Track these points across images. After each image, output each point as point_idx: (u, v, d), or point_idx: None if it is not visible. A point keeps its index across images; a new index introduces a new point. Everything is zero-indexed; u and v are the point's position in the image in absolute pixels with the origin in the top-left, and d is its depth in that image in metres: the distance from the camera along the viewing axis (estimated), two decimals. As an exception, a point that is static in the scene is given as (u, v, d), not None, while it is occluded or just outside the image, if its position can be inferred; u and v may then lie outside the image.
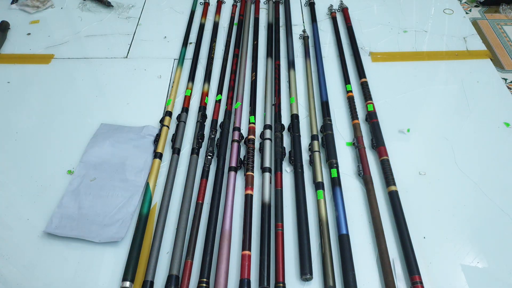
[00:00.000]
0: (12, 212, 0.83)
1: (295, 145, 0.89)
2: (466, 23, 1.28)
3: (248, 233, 0.75)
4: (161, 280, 0.72)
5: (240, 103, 1.01)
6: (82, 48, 1.24)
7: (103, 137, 0.94)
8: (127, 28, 1.30)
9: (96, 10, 1.38)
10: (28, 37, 1.29)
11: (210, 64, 1.14)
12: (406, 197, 0.81)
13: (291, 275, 0.72)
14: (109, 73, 1.15)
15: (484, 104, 1.02)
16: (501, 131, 0.95)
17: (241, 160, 0.89)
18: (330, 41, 1.22)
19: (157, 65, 1.16)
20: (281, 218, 0.77)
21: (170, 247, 0.76)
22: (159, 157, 0.89)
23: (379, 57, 1.17)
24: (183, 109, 1.00)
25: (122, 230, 0.78)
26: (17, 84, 1.13)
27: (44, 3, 1.40)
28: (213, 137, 0.93)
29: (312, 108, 0.99)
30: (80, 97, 1.08)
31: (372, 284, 0.71)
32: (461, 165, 0.88)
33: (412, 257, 0.71)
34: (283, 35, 1.24)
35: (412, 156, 0.91)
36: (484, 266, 0.73)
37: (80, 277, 0.73)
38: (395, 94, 1.05)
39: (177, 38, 1.25)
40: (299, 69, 1.13)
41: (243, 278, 0.69)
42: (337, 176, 0.84)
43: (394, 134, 0.95)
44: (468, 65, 1.13)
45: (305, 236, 0.74)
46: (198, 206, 0.80)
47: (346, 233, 0.75)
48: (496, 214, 0.80)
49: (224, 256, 0.72)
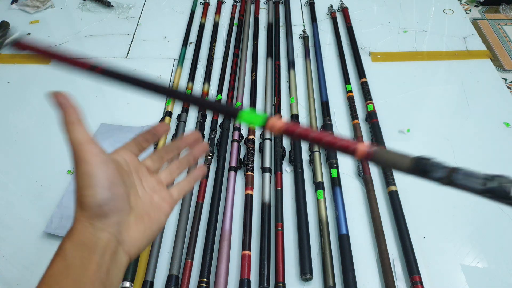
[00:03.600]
0: (12, 212, 0.83)
1: (295, 145, 0.89)
2: (466, 23, 1.28)
3: (248, 233, 0.75)
4: (161, 280, 0.72)
5: (240, 103, 1.01)
6: (82, 48, 1.24)
7: (103, 137, 0.94)
8: (127, 28, 1.30)
9: (96, 10, 1.38)
10: (28, 37, 1.29)
11: (210, 64, 1.14)
12: (406, 197, 0.81)
13: (291, 275, 0.72)
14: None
15: (484, 104, 1.02)
16: (501, 131, 0.95)
17: (241, 160, 0.89)
18: (330, 41, 1.22)
19: (157, 65, 1.16)
20: (281, 218, 0.77)
21: (170, 247, 0.76)
22: (159, 157, 0.89)
23: (379, 57, 1.17)
24: (183, 109, 1.00)
25: (122, 230, 0.78)
26: (17, 84, 1.13)
27: (44, 3, 1.39)
28: (213, 137, 0.93)
29: (312, 108, 0.99)
30: (80, 97, 1.08)
31: (372, 284, 0.71)
32: (461, 165, 0.88)
33: (412, 257, 0.71)
34: (283, 35, 1.24)
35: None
36: (484, 266, 0.73)
37: (80, 277, 0.73)
38: (395, 94, 1.05)
39: (177, 38, 1.25)
40: (299, 69, 1.13)
41: (243, 278, 0.69)
42: (337, 176, 0.84)
43: (394, 134, 0.95)
44: (468, 65, 1.13)
45: (305, 236, 0.74)
46: (198, 206, 0.80)
47: (346, 233, 0.75)
48: (496, 214, 0.80)
49: (224, 256, 0.72)
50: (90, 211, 0.30)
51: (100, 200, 0.30)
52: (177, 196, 0.37)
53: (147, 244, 0.33)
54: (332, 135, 0.33)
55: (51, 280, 0.29)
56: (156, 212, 0.35)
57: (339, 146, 0.32)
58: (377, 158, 0.31)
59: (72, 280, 0.28)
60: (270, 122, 0.34)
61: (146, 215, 0.34)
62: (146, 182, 0.36)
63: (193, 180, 0.40)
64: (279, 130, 0.33)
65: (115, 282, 0.30)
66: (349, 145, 0.31)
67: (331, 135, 0.33)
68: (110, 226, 0.30)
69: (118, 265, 0.31)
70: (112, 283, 0.30)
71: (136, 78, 0.39)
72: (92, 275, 0.28)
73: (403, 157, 0.31)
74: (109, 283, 0.29)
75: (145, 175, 0.36)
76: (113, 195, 0.31)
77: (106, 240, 0.30)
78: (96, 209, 0.30)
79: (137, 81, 0.39)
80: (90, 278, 0.28)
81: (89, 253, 0.29)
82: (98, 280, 0.28)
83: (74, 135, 0.32)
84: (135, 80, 0.39)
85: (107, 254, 0.29)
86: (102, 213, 0.30)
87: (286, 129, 0.33)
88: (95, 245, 0.29)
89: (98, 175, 0.30)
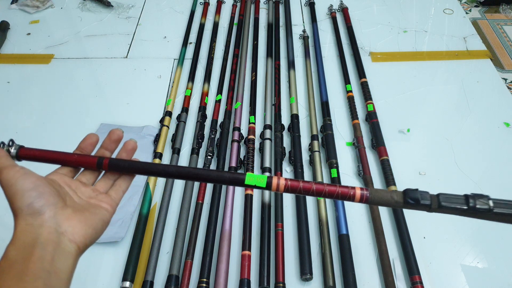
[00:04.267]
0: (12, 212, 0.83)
1: (295, 145, 0.89)
2: (466, 23, 1.28)
3: (248, 233, 0.75)
4: (161, 280, 0.72)
5: (240, 103, 1.01)
6: (82, 48, 1.24)
7: (103, 137, 0.94)
8: (127, 28, 1.30)
9: (96, 10, 1.38)
10: (28, 37, 1.29)
11: (210, 64, 1.14)
12: (406, 197, 0.81)
13: (291, 275, 0.72)
14: (109, 73, 1.15)
15: (484, 104, 1.02)
16: (501, 131, 0.95)
17: (241, 160, 0.89)
18: (330, 41, 1.22)
19: (157, 65, 1.16)
20: (281, 218, 0.77)
21: (170, 247, 0.76)
22: (159, 157, 0.89)
23: (379, 57, 1.17)
24: (183, 109, 1.00)
25: (122, 230, 0.78)
26: (17, 84, 1.13)
27: (44, 3, 1.40)
28: (213, 137, 0.93)
29: (312, 108, 0.99)
30: (80, 97, 1.08)
31: (372, 284, 0.71)
32: (461, 165, 0.88)
33: (412, 257, 0.71)
34: (283, 35, 1.24)
35: (412, 156, 0.91)
36: (484, 266, 0.73)
37: (79, 277, 0.73)
38: (395, 94, 1.05)
39: (177, 38, 1.25)
40: (299, 69, 1.13)
41: (243, 278, 0.69)
42: (337, 176, 0.84)
43: (394, 134, 0.95)
44: (468, 65, 1.13)
45: (305, 236, 0.74)
46: (198, 206, 0.80)
47: (346, 233, 0.75)
48: (496, 214, 0.80)
49: (224, 256, 0.72)
50: (23, 212, 0.33)
51: (28, 199, 0.33)
52: (115, 195, 0.40)
53: (93, 233, 0.36)
54: (331, 185, 0.38)
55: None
56: (96, 209, 0.38)
57: (339, 194, 0.37)
58: (372, 199, 0.36)
59: (14, 274, 0.30)
60: (273, 183, 0.39)
61: (85, 210, 0.37)
62: (81, 193, 0.39)
63: (128, 179, 0.43)
64: (283, 189, 0.38)
65: (63, 268, 0.32)
66: (347, 192, 0.37)
67: (331, 185, 0.38)
68: (47, 220, 0.33)
69: (65, 253, 0.33)
70: (60, 270, 0.32)
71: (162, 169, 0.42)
72: (34, 266, 0.31)
73: (394, 193, 0.36)
74: (54, 270, 0.31)
75: (79, 187, 0.40)
76: (40, 193, 0.34)
77: (47, 233, 0.32)
78: (27, 208, 0.33)
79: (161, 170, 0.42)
80: (32, 270, 0.30)
81: (31, 249, 0.31)
82: (41, 269, 0.31)
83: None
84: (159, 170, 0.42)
85: (49, 245, 0.32)
86: (34, 210, 0.33)
87: (290, 187, 0.38)
88: (35, 241, 0.32)
89: (20, 182, 0.34)
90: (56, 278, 0.32)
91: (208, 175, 0.40)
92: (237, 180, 0.39)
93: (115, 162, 0.41)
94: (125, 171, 0.41)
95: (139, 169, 0.41)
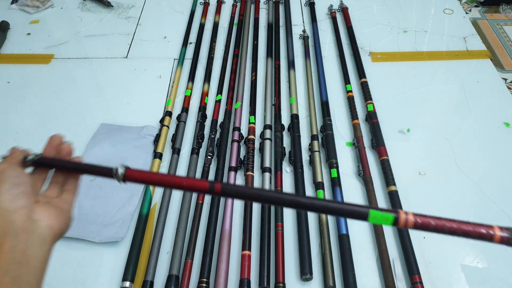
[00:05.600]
0: None
1: (295, 145, 0.89)
2: (466, 23, 1.28)
3: (248, 233, 0.75)
4: (161, 280, 0.72)
5: (240, 103, 1.01)
6: (82, 48, 1.24)
7: (103, 137, 0.94)
8: (127, 28, 1.30)
9: (96, 10, 1.38)
10: (28, 37, 1.29)
11: (210, 64, 1.14)
12: (406, 197, 0.81)
13: (291, 275, 0.72)
14: (109, 73, 1.15)
15: (484, 104, 1.02)
16: (501, 131, 0.95)
17: (241, 160, 0.89)
18: (330, 41, 1.22)
19: (157, 65, 1.16)
20: (281, 218, 0.77)
21: (170, 247, 0.76)
22: (159, 157, 0.89)
23: (379, 57, 1.17)
24: (183, 109, 1.00)
25: (122, 230, 0.78)
26: (17, 84, 1.13)
27: (44, 3, 1.40)
28: (213, 137, 0.93)
29: (312, 108, 0.99)
30: (80, 97, 1.08)
31: (372, 284, 0.71)
32: (461, 165, 0.88)
33: (412, 257, 0.71)
34: (283, 35, 1.24)
35: (412, 156, 0.91)
36: (484, 266, 0.73)
37: (79, 277, 0.73)
38: (395, 94, 1.05)
39: (177, 38, 1.25)
40: (299, 69, 1.13)
41: (243, 278, 0.69)
42: (337, 176, 0.84)
43: (394, 134, 0.95)
44: (468, 65, 1.13)
45: (305, 236, 0.74)
46: (198, 206, 0.80)
47: (346, 233, 0.75)
48: (496, 214, 0.80)
49: (224, 256, 0.72)
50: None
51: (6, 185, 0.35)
52: (67, 197, 0.42)
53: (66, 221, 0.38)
54: (468, 223, 0.35)
55: None
56: (58, 204, 0.39)
57: (476, 234, 0.35)
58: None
59: None
60: (401, 220, 0.34)
61: (51, 204, 0.38)
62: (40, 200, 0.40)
63: (75, 181, 0.44)
64: (412, 226, 0.34)
65: (37, 255, 0.33)
66: (486, 232, 0.35)
67: (467, 224, 0.34)
68: (21, 208, 0.34)
69: (40, 239, 0.34)
70: (33, 257, 0.33)
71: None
72: (5, 258, 0.31)
73: None
74: (27, 260, 0.32)
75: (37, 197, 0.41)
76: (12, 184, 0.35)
77: (21, 220, 0.33)
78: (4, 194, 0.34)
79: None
80: (2, 260, 0.31)
81: (1, 239, 0.32)
82: (11, 262, 0.31)
83: None
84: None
85: (22, 233, 0.33)
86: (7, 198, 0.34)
87: (421, 224, 0.34)
88: (8, 228, 0.33)
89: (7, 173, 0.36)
90: (27, 268, 0.32)
91: (327, 206, 0.37)
92: (358, 214, 0.36)
93: (227, 187, 0.39)
94: (239, 197, 0.40)
95: (249, 194, 0.38)
